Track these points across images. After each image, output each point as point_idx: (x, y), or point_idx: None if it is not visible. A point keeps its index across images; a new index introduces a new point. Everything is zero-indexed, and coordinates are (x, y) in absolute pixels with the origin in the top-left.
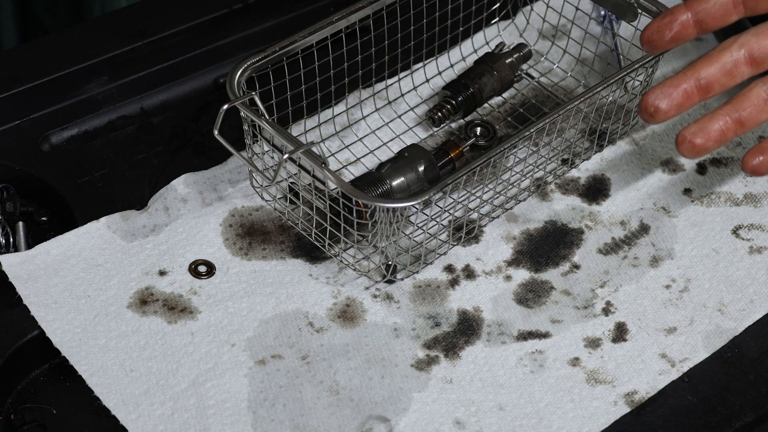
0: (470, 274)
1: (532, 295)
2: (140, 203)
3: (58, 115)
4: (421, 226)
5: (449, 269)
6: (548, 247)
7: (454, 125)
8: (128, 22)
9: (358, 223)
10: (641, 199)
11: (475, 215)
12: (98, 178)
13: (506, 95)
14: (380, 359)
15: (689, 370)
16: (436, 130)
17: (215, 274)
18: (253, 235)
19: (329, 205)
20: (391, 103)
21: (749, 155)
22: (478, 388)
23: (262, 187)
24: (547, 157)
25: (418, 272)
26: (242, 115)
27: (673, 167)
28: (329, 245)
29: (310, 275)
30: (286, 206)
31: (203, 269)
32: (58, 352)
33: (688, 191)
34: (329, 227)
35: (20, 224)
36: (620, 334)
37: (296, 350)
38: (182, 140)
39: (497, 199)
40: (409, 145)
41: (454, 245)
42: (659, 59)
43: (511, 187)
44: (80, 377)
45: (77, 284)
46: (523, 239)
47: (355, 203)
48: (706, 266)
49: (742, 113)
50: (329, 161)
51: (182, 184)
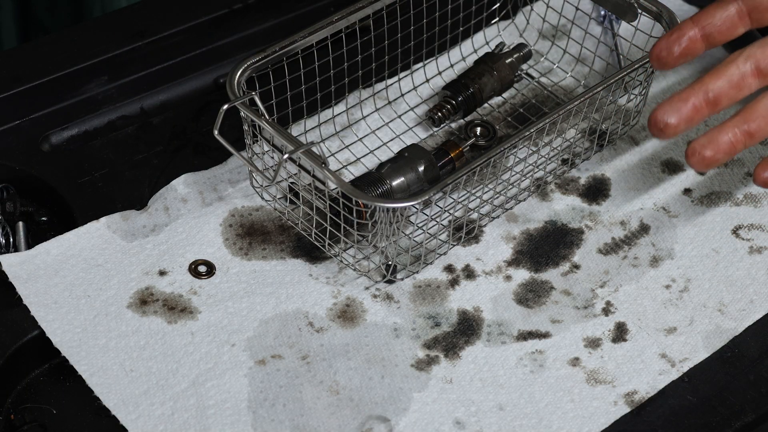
0: (470, 274)
1: (532, 295)
2: (140, 203)
3: (58, 115)
4: (421, 226)
5: (449, 269)
6: (548, 247)
7: (454, 125)
8: (128, 22)
9: (358, 223)
10: (641, 199)
11: (475, 215)
12: (98, 178)
13: (506, 95)
14: (380, 359)
15: (689, 370)
16: (436, 130)
17: (215, 274)
18: (253, 235)
19: (329, 205)
20: (391, 103)
21: (761, 167)
22: (478, 388)
23: (262, 187)
24: (547, 157)
25: (418, 272)
26: (242, 115)
27: (673, 167)
28: (329, 245)
29: (310, 275)
30: (286, 206)
31: (203, 269)
32: (58, 352)
33: (688, 191)
34: (329, 227)
35: (20, 224)
36: (620, 334)
37: (296, 350)
38: (182, 140)
39: (497, 199)
40: (409, 145)
41: (454, 245)
42: None
43: (511, 187)
44: (80, 377)
45: (77, 284)
46: (523, 239)
47: (355, 203)
48: (706, 266)
49: (751, 125)
50: (329, 161)
51: (182, 184)
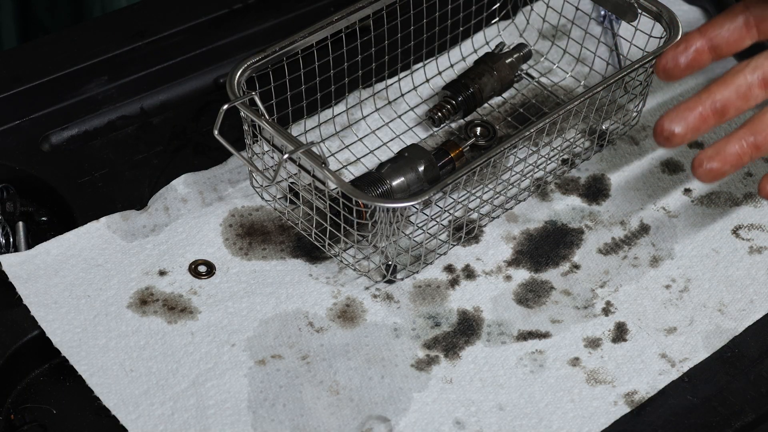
0: (470, 274)
1: (532, 295)
2: (140, 203)
3: (58, 115)
4: (421, 226)
5: (449, 269)
6: (548, 247)
7: (454, 125)
8: (128, 22)
9: (358, 223)
10: (641, 199)
11: (475, 215)
12: (98, 178)
13: (506, 95)
14: (380, 359)
15: (689, 370)
16: (436, 130)
17: (215, 274)
18: (253, 235)
19: (329, 205)
20: (391, 103)
21: (765, 180)
22: (478, 388)
23: (262, 187)
24: (547, 157)
25: (418, 272)
26: (242, 115)
27: (673, 167)
28: (329, 245)
29: (310, 275)
30: (286, 206)
31: (203, 269)
32: (58, 352)
33: (688, 191)
34: (329, 227)
35: (20, 224)
36: (620, 334)
37: (296, 350)
38: (182, 140)
39: (497, 199)
40: (409, 145)
41: (454, 245)
42: None
43: (511, 187)
44: (80, 377)
45: (77, 284)
46: (523, 239)
47: (355, 203)
48: (706, 266)
49: (757, 137)
50: (329, 161)
51: (182, 184)
